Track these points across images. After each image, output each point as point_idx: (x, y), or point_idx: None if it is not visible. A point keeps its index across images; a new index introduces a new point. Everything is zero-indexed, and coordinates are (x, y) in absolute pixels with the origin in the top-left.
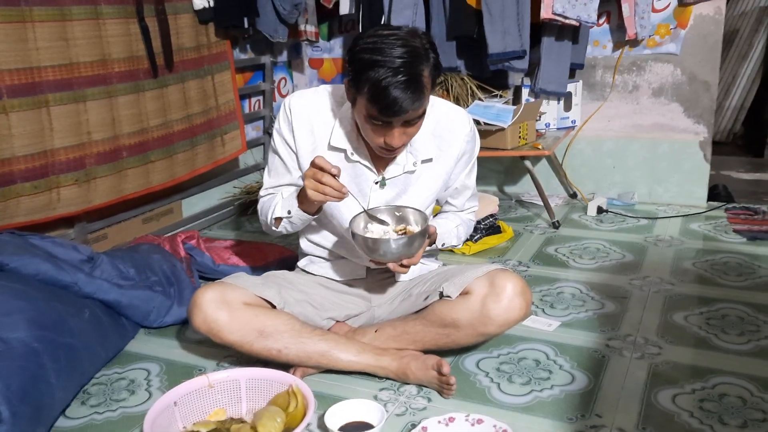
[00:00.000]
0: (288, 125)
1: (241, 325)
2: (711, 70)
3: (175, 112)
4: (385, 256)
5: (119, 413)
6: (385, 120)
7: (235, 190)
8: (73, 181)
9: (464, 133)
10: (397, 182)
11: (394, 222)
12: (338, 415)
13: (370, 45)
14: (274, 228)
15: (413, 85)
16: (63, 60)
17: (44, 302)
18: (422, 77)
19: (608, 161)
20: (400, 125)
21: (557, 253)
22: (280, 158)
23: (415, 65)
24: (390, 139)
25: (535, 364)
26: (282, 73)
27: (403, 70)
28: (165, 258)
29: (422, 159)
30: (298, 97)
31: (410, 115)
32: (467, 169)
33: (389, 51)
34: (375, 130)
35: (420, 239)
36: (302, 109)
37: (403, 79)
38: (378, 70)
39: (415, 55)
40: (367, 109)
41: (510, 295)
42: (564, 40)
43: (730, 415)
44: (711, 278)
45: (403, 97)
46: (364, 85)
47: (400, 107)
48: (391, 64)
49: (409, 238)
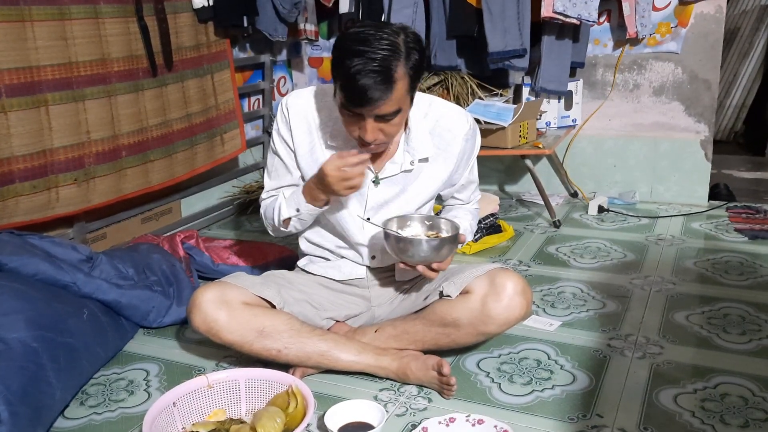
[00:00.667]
0: (286, 125)
1: (240, 324)
2: (712, 69)
3: (174, 111)
4: (413, 258)
5: (118, 414)
6: (354, 110)
7: (234, 189)
8: (72, 181)
9: (463, 132)
10: (396, 181)
11: (425, 229)
12: (338, 415)
13: (353, 36)
14: (282, 229)
15: (382, 77)
16: (62, 59)
17: (43, 302)
18: (394, 72)
19: (609, 160)
20: (374, 120)
21: (558, 253)
22: (280, 159)
23: (389, 60)
24: (362, 132)
25: (536, 363)
26: (281, 71)
27: (377, 61)
28: (164, 258)
29: (419, 158)
30: (295, 97)
31: (380, 108)
32: (470, 165)
33: (372, 43)
34: (349, 121)
35: (450, 244)
36: (299, 108)
37: (374, 68)
38: (353, 59)
39: (394, 50)
40: (339, 98)
41: (510, 294)
42: (564, 38)
43: (731, 415)
44: (712, 277)
45: (370, 85)
46: (339, 72)
47: (365, 96)
48: (367, 54)
49: (440, 240)
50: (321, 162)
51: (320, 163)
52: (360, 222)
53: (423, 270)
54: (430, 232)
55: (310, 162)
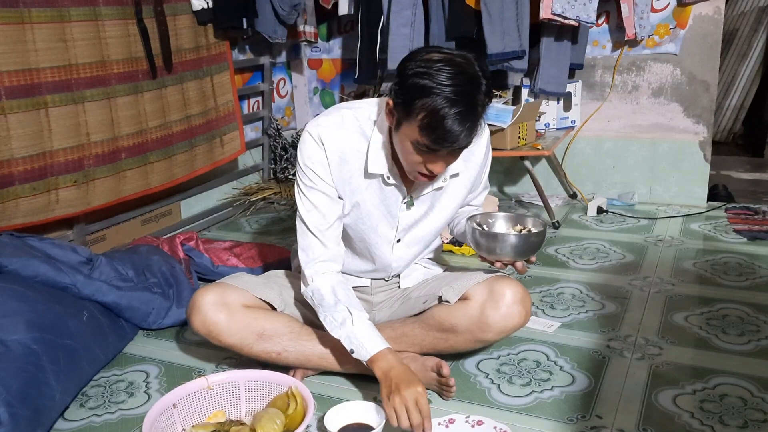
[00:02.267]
0: (321, 158)
1: (240, 327)
2: (710, 70)
3: (174, 113)
4: (499, 250)
5: (118, 415)
6: (435, 149)
7: (234, 191)
8: (71, 183)
9: (484, 140)
10: (425, 200)
11: (510, 225)
12: (338, 417)
13: (423, 69)
14: (318, 322)
15: (471, 117)
16: (62, 61)
17: (43, 304)
18: (478, 107)
19: (608, 161)
20: (447, 153)
21: (557, 254)
22: (321, 194)
23: (472, 95)
24: (433, 166)
25: (536, 365)
26: (281, 73)
27: (459, 101)
28: (164, 259)
29: (451, 174)
30: (326, 127)
31: (463, 146)
32: (485, 170)
33: (444, 78)
34: (417, 156)
35: (538, 239)
36: (334, 139)
37: (460, 110)
38: (434, 98)
39: (472, 84)
40: (417, 137)
41: (509, 302)
42: (563, 40)
43: (730, 416)
44: (711, 278)
45: (460, 129)
46: (417, 112)
47: (455, 139)
48: (447, 93)
49: (528, 235)
50: (359, 191)
51: (358, 193)
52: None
53: (522, 266)
54: (517, 227)
55: (348, 192)
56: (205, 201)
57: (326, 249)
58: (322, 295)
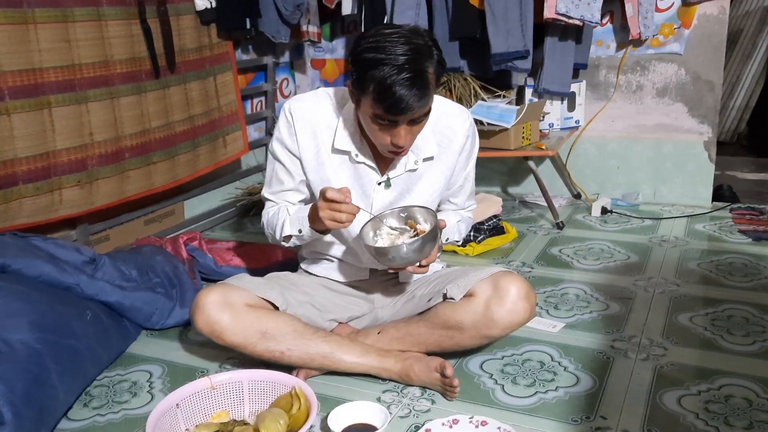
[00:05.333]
0: (289, 130)
1: (243, 326)
2: (715, 70)
3: (177, 113)
4: (395, 261)
5: (121, 415)
6: (391, 119)
7: (237, 191)
8: (75, 183)
9: (464, 128)
10: (400, 181)
11: (401, 223)
12: (341, 417)
13: (372, 44)
14: (283, 243)
15: (418, 82)
16: (65, 61)
17: (46, 304)
18: (427, 74)
19: (612, 161)
20: (406, 124)
21: (561, 254)
22: (281, 165)
23: (419, 62)
24: (396, 138)
25: (540, 365)
26: (284, 73)
27: (407, 68)
28: (167, 259)
29: (424, 157)
30: (299, 101)
31: (416, 113)
32: (469, 165)
33: (392, 49)
34: (381, 129)
35: (431, 239)
36: (303, 112)
37: (407, 76)
38: (382, 68)
39: (419, 52)
40: (372, 109)
41: (514, 298)
42: (567, 40)
43: (735, 417)
44: (716, 279)
45: (409, 94)
46: (368, 84)
47: (406, 105)
48: (395, 62)
49: (421, 239)
50: (329, 167)
51: (328, 168)
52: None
53: (413, 269)
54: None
55: (315, 166)
56: (208, 201)
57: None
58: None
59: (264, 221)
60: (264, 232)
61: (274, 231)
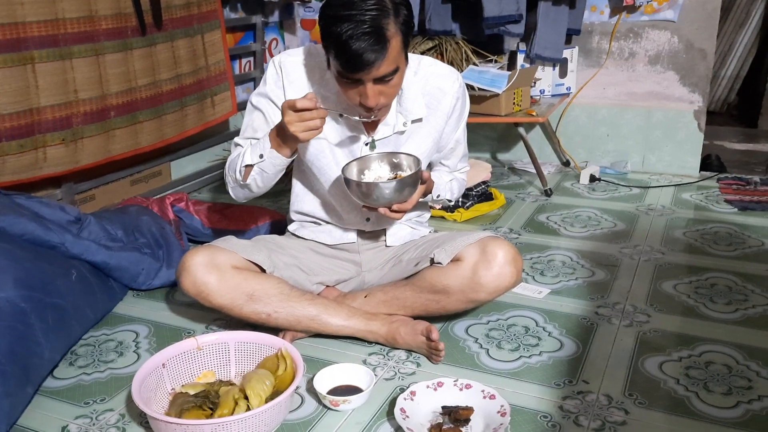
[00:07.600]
0: (277, 83)
1: (230, 288)
2: (708, 38)
3: (163, 71)
4: (377, 201)
5: (107, 374)
6: (352, 76)
7: (225, 152)
8: (59, 141)
9: (453, 89)
10: (388, 143)
11: (387, 167)
12: (327, 378)
13: (337, 1)
14: (242, 182)
15: (375, 37)
16: (49, 15)
17: (31, 262)
18: (386, 30)
19: (602, 129)
20: (372, 83)
21: (549, 221)
22: (260, 112)
23: (379, 18)
24: (363, 98)
25: (524, 330)
26: (273, 33)
27: (365, 24)
28: (154, 220)
29: (412, 119)
30: (290, 55)
31: (378, 70)
32: (459, 127)
33: (358, 5)
34: (349, 89)
35: (411, 183)
36: (293, 66)
37: (365, 30)
38: (341, 24)
39: (382, 8)
40: (335, 66)
41: (501, 262)
42: (561, 4)
43: (715, 382)
44: (701, 248)
45: (365, 48)
46: (330, 40)
47: (361, 60)
48: (354, 18)
49: (399, 181)
50: None
51: None
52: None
53: (385, 212)
54: (393, 172)
55: None
56: (196, 162)
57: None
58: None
59: (226, 167)
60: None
61: (235, 171)
